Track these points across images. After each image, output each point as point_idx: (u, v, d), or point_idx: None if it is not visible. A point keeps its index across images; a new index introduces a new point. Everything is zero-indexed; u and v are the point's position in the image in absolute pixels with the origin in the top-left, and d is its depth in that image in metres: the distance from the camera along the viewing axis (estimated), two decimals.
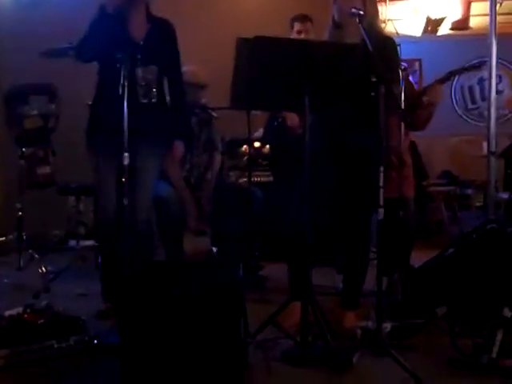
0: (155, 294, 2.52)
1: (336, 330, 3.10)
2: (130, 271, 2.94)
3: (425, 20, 9.53)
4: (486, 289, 3.16)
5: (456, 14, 9.44)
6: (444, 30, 9.56)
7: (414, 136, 6.09)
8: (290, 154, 3.98)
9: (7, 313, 2.93)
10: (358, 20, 2.93)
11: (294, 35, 4.32)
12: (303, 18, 4.34)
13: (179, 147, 3.61)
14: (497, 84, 7.85)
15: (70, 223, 5.18)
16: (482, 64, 3.79)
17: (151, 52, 3.31)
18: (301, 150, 2.88)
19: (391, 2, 9.55)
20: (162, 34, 3.44)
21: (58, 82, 4.59)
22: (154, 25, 3.41)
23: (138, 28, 3.33)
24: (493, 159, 4.53)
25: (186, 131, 3.71)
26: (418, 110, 3.63)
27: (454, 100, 8.85)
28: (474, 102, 8.76)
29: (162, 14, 3.53)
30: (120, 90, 2.89)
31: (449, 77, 3.64)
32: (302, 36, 4.29)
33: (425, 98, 3.49)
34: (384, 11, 9.50)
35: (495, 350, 2.77)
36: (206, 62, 4.54)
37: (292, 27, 4.36)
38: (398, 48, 3.50)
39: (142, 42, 3.33)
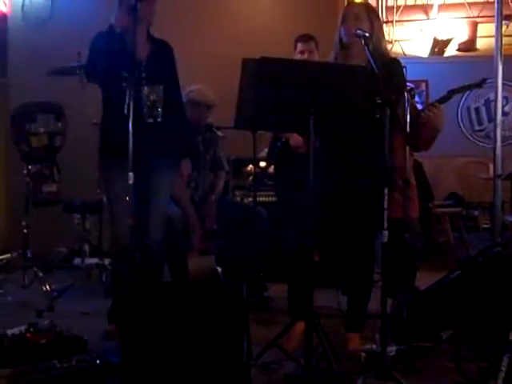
0: (158, 316, 2.51)
1: (340, 353, 3.08)
2: (136, 289, 2.92)
3: (432, 41, 9.57)
4: (491, 313, 3.13)
5: (463, 36, 9.48)
6: (451, 51, 9.59)
7: (421, 157, 6.11)
8: (294, 175, 3.97)
9: (10, 332, 2.90)
10: (363, 42, 2.92)
11: (297, 55, 4.33)
12: (306, 39, 4.35)
13: (186, 166, 3.63)
14: (503, 106, 7.89)
15: (75, 241, 5.17)
16: (483, 82, 3.76)
17: (154, 71, 3.34)
18: (304, 170, 2.87)
19: (398, 23, 9.61)
20: (163, 55, 3.49)
21: (65, 100, 4.61)
22: (154, 45, 3.47)
23: (141, 48, 3.36)
24: (499, 182, 4.52)
25: (190, 150, 3.72)
26: (421, 130, 3.62)
27: (460, 121, 8.85)
28: (480, 123, 8.75)
29: (166, 34, 3.56)
30: (126, 110, 2.89)
31: (450, 96, 3.62)
32: (305, 56, 4.29)
33: (423, 114, 3.47)
34: (391, 32, 9.57)
35: (501, 375, 2.74)
36: (212, 81, 4.57)
37: (295, 47, 4.38)
38: (404, 69, 3.50)
39: (144, 62, 3.36)
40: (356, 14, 3.18)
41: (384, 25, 9.37)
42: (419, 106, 6.64)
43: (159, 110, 3.28)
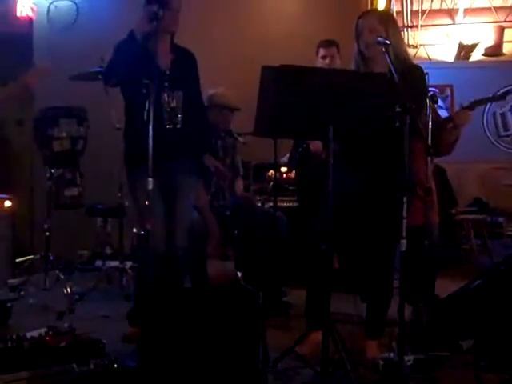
0: (175, 321, 2.52)
1: (358, 360, 3.06)
2: (156, 294, 2.94)
3: (457, 46, 9.49)
4: None
5: (489, 40, 9.39)
6: (477, 55, 9.50)
7: (444, 162, 6.05)
8: (315, 181, 3.97)
9: (29, 334, 2.94)
10: (384, 49, 2.91)
11: (319, 60, 4.33)
12: (328, 44, 4.36)
13: (211, 159, 3.72)
14: None
15: (97, 244, 5.22)
16: (507, 94, 3.73)
17: (177, 80, 3.36)
18: (325, 176, 2.86)
19: (424, 28, 9.55)
20: (186, 64, 3.52)
21: (88, 105, 4.66)
22: (177, 54, 3.49)
23: (164, 56, 3.39)
24: None
25: (210, 150, 3.74)
26: (442, 135, 3.59)
27: (485, 126, 8.76)
28: (506, 128, 8.66)
29: (190, 40, 3.58)
30: (145, 116, 2.91)
31: (473, 106, 3.60)
32: (327, 61, 4.29)
33: (449, 125, 3.45)
34: (416, 36, 9.51)
35: None
36: (233, 86, 4.56)
37: (317, 53, 4.37)
38: (427, 76, 3.48)
39: (167, 71, 3.39)
40: (370, 26, 3.17)
41: (409, 29, 9.33)
42: (444, 112, 6.65)
43: (179, 116, 3.29)
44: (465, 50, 9.43)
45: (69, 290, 4.26)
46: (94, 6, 5.98)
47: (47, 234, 4.50)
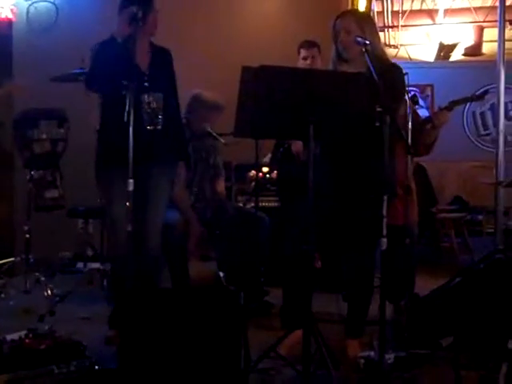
0: (155, 322, 2.52)
1: (339, 359, 3.07)
2: (135, 296, 2.94)
3: (438, 46, 9.56)
4: (491, 320, 3.12)
5: (469, 40, 9.47)
6: (457, 55, 9.59)
7: (425, 161, 6.10)
8: (296, 181, 3.98)
9: (9, 337, 2.92)
10: (363, 49, 2.92)
11: (300, 61, 4.34)
12: (309, 45, 4.37)
13: (182, 167, 3.66)
14: (509, 110, 7.90)
15: (78, 245, 5.20)
16: (485, 94, 3.77)
17: (156, 80, 3.36)
18: (306, 176, 2.87)
19: (404, 28, 9.62)
20: (163, 62, 3.51)
21: (69, 106, 4.63)
22: (155, 54, 3.49)
23: (143, 57, 3.38)
24: (501, 188, 4.51)
25: (185, 154, 3.73)
26: (421, 135, 3.62)
27: (465, 126, 8.84)
28: (486, 127, 8.75)
29: (170, 39, 3.58)
30: (125, 117, 2.90)
31: (451, 106, 3.63)
32: (308, 62, 4.30)
33: (428, 125, 3.48)
34: (397, 36, 9.57)
35: (500, 383, 2.73)
36: (213, 86, 4.56)
37: (299, 53, 4.39)
38: (407, 76, 3.50)
39: (147, 72, 3.38)
40: (346, 27, 3.19)
41: (390, 29, 9.39)
42: (424, 111, 6.69)
43: (159, 117, 3.29)
44: (445, 50, 9.51)
45: (49, 292, 4.24)
46: (73, 7, 5.93)
47: (27, 236, 4.47)
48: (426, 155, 3.94)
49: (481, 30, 9.36)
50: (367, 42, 2.95)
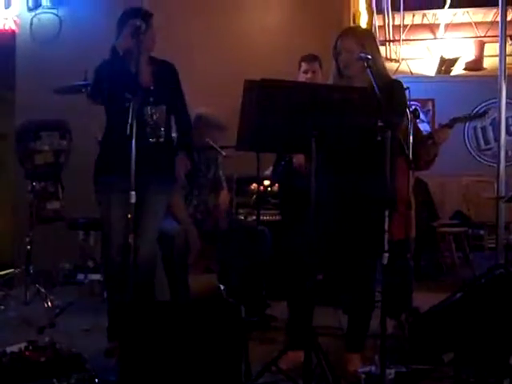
0: (156, 335, 2.52)
1: (340, 374, 3.06)
2: (135, 308, 2.93)
3: (439, 60, 9.59)
4: (493, 336, 3.11)
5: (470, 55, 9.50)
6: (458, 70, 9.62)
7: (426, 176, 6.10)
8: (298, 194, 3.98)
9: (9, 349, 2.91)
10: (366, 64, 2.94)
11: (300, 75, 4.36)
12: (310, 59, 4.38)
13: (183, 160, 3.66)
14: (510, 125, 7.92)
15: (79, 257, 5.19)
16: (486, 113, 3.79)
17: (159, 93, 3.37)
18: (307, 190, 2.88)
19: (405, 42, 9.65)
20: (167, 76, 3.53)
21: (71, 118, 4.65)
22: (157, 67, 3.50)
23: (145, 71, 3.39)
24: (502, 203, 4.52)
25: (188, 143, 3.74)
26: (422, 151, 3.63)
27: (467, 140, 8.86)
28: (487, 142, 8.76)
29: (168, 54, 3.60)
30: (128, 130, 2.91)
31: (452, 124, 3.65)
32: (309, 76, 4.31)
33: (429, 141, 3.49)
34: (398, 51, 9.60)
35: None
36: (215, 100, 4.57)
37: (299, 67, 4.40)
38: (408, 90, 3.52)
39: (149, 85, 3.40)
40: (347, 47, 3.22)
41: (391, 44, 9.43)
42: (425, 125, 6.69)
43: (162, 129, 3.30)
44: (446, 65, 9.54)
45: (50, 303, 4.23)
46: (76, 19, 5.96)
47: (28, 247, 4.46)
48: (425, 170, 3.95)
49: (482, 44, 9.39)
50: (369, 57, 2.97)
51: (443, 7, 8.84)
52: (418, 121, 3.87)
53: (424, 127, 7.93)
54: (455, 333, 3.24)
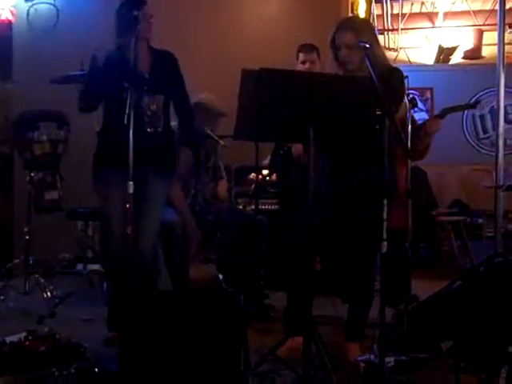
0: (156, 325, 2.52)
1: (339, 363, 3.07)
2: (134, 298, 2.94)
3: (437, 49, 9.57)
4: (491, 324, 3.12)
5: (468, 44, 9.48)
6: (456, 58, 9.59)
7: (425, 165, 6.10)
8: (296, 184, 3.98)
9: (8, 339, 2.91)
10: (364, 52, 2.93)
11: (298, 65, 4.35)
12: (308, 49, 4.37)
13: (187, 155, 3.70)
14: (508, 113, 7.90)
15: (78, 247, 5.19)
16: (477, 103, 3.79)
17: (157, 83, 3.36)
18: (305, 179, 2.87)
19: (404, 31, 9.62)
20: (166, 65, 3.52)
21: (69, 108, 4.62)
22: (156, 57, 3.50)
23: (143, 61, 3.39)
24: (501, 192, 4.52)
25: (193, 141, 3.76)
26: (414, 141, 3.62)
27: (465, 129, 8.84)
28: (485, 131, 8.75)
29: (170, 43, 3.58)
30: (125, 120, 2.90)
31: (443, 114, 3.63)
32: (307, 66, 4.31)
33: (421, 133, 3.48)
34: (396, 40, 9.58)
35: None
36: (215, 90, 4.56)
37: (297, 57, 4.39)
38: (407, 79, 3.51)
39: (147, 75, 3.39)
40: (345, 43, 3.21)
41: (389, 33, 9.40)
42: (424, 114, 6.69)
43: (160, 119, 3.29)
44: (444, 53, 9.52)
45: (49, 293, 4.23)
46: (74, 9, 5.94)
47: (27, 237, 4.46)
48: (419, 160, 3.93)
49: (480, 33, 9.37)
50: (367, 46, 2.96)
51: None
52: (416, 109, 3.86)
53: (422, 116, 7.92)
54: (454, 321, 3.25)
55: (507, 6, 5.15)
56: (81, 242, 5.17)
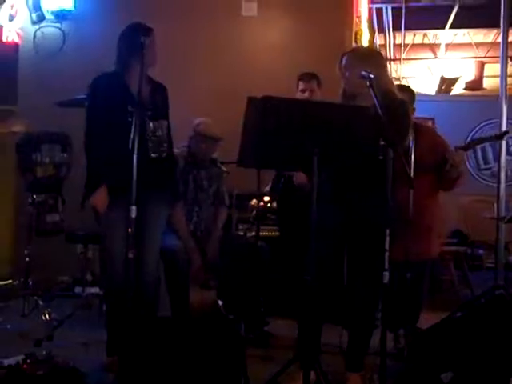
0: (156, 351, 2.51)
1: None
2: (135, 324, 2.92)
3: (439, 79, 9.65)
4: (492, 357, 3.10)
5: (470, 75, 9.57)
6: (458, 89, 9.67)
7: None
8: (297, 212, 3.98)
9: (6, 362, 2.90)
10: (368, 83, 2.94)
11: (298, 93, 4.37)
12: (308, 77, 4.39)
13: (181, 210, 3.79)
14: (510, 146, 7.93)
15: (77, 270, 5.17)
16: (504, 134, 3.79)
17: (156, 109, 3.37)
18: (308, 207, 2.88)
19: (406, 61, 9.71)
20: (160, 96, 3.54)
21: (72, 131, 4.65)
22: (153, 86, 3.52)
23: (144, 88, 3.39)
24: (502, 224, 4.52)
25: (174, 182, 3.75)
26: (445, 171, 3.63)
27: (466, 159, 8.86)
28: (486, 162, 8.78)
29: (172, 71, 3.60)
30: (130, 144, 2.91)
31: (469, 146, 3.65)
32: (306, 95, 4.33)
33: (447, 166, 3.51)
34: (399, 69, 9.66)
35: None
36: (217, 116, 4.59)
37: (297, 85, 4.42)
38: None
39: (148, 100, 3.40)
40: (348, 65, 3.24)
41: (392, 62, 9.49)
42: None
43: (165, 145, 3.30)
44: (446, 84, 9.61)
45: (47, 316, 4.21)
46: (80, 32, 5.99)
47: (27, 259, 4.45)
48: (449, 190, 3.92)
49: (482, 65, 9.46)
50: (371, 76, 2.97)
51: (444, 27, 8.89)
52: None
53: None
54: (455, 353, 3.22)
55: (509, 39, 5.20)
56: (80, 265, 5.15)
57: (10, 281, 4.81)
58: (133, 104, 3.15)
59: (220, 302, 4.34)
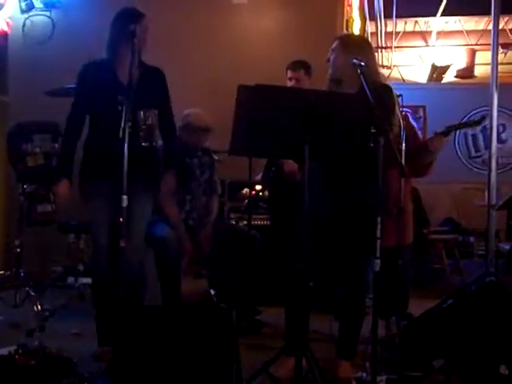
0: (147, 340, 2.51)
1: (331, 380, 3.06)
2: (125, 313, 2.92)
3: (430, 67, 9.65)
4: (483, 344, 3.12)
5: (461, 63, 9.57)
6: (449, 77, 9.68)
7: (417, 183, 6.11)
8: (288, 200, 3.98)
9: None
10: (359, 70, 2.93)
11: (287, 82, 4.40)
12: (295, 66, 4.43)
13: (170, 178, 3.67)
14: (500, 133, 7.95)
15: (70, 260, 5.16)
16: (482, 119, 3.80)
17: (143, 95, 3.32)
18: (299, 196, 2.88)
19: (397, 49, 9.70)
20: (154, 80, 3.51)
21: (63, 121, 4.62)
22: (144, 71, 3.47)
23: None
24: (493, 211, 4.54)
25: (174, 164, 3.73)
26: (417, 158, 3.64)
27: (457, 148, 8.90)
28: (477, 150, 8.81)
29: (164, 60, 3.58)
30: (120, 133, 2.89)
31: (448, 131, 3.65)
32: (292, 83, 4.36)
33: (428, 151, 3.51)
34: (390, 58, 9.65)
35: None
36: (209, 105, 4.58)
37: (286, 74, 4.44)
38: (401, 97, 3.53)
39: (134, 87, 3.36)
40: (337, 50, 3.24)
41: (383, 50, 9.47)
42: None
43: (156, 133, 3.28)
44: (437, 72, 9.60)
45: (39, 306, 4.20)
46: (69, 21, 5.96)
47: (18, 250, 4.44)
48: (422, 177, 3.95)
49: (473, 52, 9.46)
50: (362, 64, 2.97)
51: (435, 15, 8.89)
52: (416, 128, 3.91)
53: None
54: (446, 340, 3.24)
55: (500, 26, 5.19)
56: (72, 255, 5.14)
57: (2, 272, 4.78)
58: (122, 93, 3.13)
59: (212, 291, 4.34)
